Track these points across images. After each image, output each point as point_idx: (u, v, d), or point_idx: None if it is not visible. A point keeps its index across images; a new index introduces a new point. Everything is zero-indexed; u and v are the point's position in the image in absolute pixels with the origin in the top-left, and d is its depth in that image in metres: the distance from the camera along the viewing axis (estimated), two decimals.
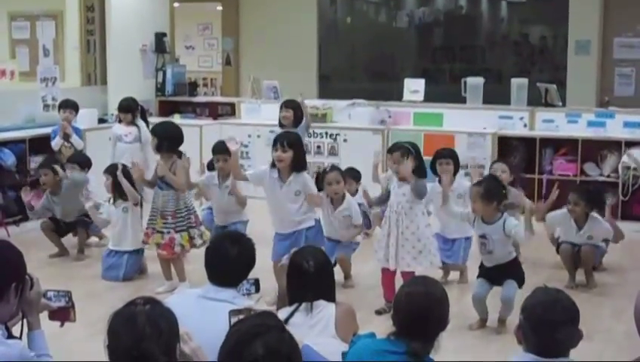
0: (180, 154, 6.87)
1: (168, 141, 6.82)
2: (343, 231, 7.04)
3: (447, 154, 7.19)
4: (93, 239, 8.42)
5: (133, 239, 7.33)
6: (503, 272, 6.07)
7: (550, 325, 3.03)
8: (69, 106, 9.06)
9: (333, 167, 7.31)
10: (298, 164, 6.27)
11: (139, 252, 7.38)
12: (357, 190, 7.95)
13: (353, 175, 8.10)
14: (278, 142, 6.22)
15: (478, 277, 6.23)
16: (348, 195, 7.13)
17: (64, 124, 8.85)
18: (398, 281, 6.15)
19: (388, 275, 6.35)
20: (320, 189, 6.84)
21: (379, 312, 6.27)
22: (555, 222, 7.26)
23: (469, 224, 6.37)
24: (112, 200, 7.55)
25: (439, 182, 6.89)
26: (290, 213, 6.30)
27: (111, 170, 7.53)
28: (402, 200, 6.18)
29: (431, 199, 6.82)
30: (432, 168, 7.05)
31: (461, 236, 7.13)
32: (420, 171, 6.19)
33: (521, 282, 6.06)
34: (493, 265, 6.08)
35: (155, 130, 7.03)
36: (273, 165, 6.28)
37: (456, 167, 7.16)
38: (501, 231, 5.93)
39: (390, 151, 6.41)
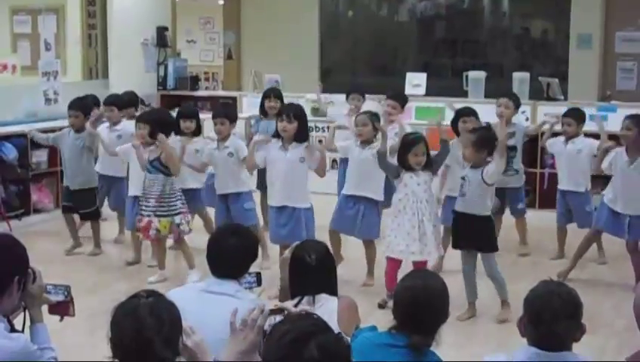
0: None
1: (161, 127, 7.03)
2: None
3: (469, 112, 7.39)
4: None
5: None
6: (472, 233, 6.16)
7: (548, 318, 3.03)
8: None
9: (365, 111, 7.40)
10: (301, 135, 6.60)
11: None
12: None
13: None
14: (283, 113, 6.60)
15: (453, 247, 6.41)
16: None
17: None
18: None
19: (394, 265, 6.43)
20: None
21: (381, 306, 6.29)
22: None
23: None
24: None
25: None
26: (294, 180, 6.55)
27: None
28: (420, 190, 6.29)
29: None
30: (453, 127, 7.31)
31: None
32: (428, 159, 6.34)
33: (492, 247, 6.20)
34: (463, 211, 6.20)
35: (145, 118, 7.14)
36: (276, 135, 6.65)
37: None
38: (479, 176, 6.08)
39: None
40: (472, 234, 6.19)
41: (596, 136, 7.64)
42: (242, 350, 2.85)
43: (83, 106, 8.09)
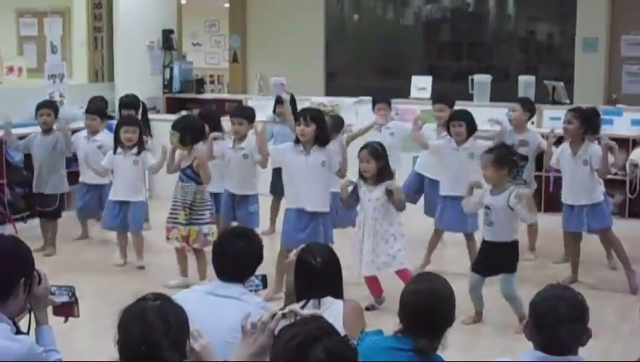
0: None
1: (190, 134, 6.97)
2: None
3: (457, 116, 7.44)
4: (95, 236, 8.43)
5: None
6: (496, 260, 6.06)
7: (552, 322, 3.03)
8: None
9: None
10: (321, 138, 6.48)
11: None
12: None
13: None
14: (300, 116, 6.51)
15: (472, 270, 6.28)
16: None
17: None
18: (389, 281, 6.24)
19: (371, 278, 6.53)
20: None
21: (367, 308, 6.28)
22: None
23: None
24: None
25: (456, 143, 7.26)
26: (317, 184, 6.47)
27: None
28: (377, 205, 6.30)
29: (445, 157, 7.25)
30: (448, 130, 7.39)
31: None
32: (384, 173, 6.34)
33: (512, 268, 6.08)
34: (491, 240, 6.07)
35: (177, 125, 7.12)
36: (297, 141, 6.53)
37: (470, 129, 7.30)
38: (505, 202, 5.94)
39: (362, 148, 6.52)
40: (498, 261, 6.07)
41: None
42: (252, 352, 2.86)
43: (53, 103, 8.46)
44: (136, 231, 7.78)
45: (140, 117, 8.87)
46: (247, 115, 7.55)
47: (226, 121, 7.92)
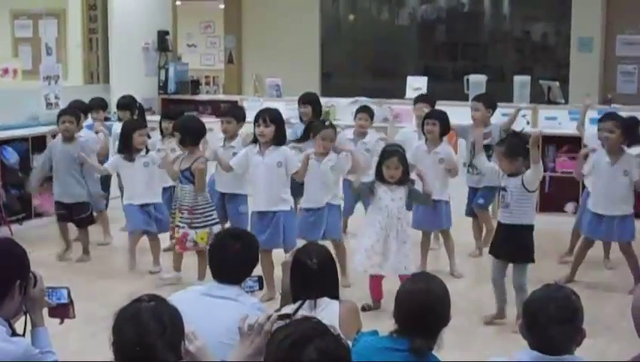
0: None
1: (191, 135, 6.96)
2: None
3: (432, 115, 7.54)
4: (96, 238, 8.41)
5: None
6: (513, 243, 6.08)
7: (542, 322, 3.04)
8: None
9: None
10: (278, 139, 6.63)
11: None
12: None
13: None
14: (260, 117, 6.60)
15: (490, 253, 6.32)
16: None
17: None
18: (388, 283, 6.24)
19: (376, 280, 6.53)
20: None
21: (363, 308, 6.27)
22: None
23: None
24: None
25: (426, 141, 7.36)
26: (272, 184, 6.58)
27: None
28: (400, 205, 6.34)
29: (418, 160, 7.22)
30: (422, 128, 7.51)
31: (442, 198, 7.33)
32: (406, 175, 6.43)
33: (528, 257, 6.10)
34: (508, 223, 6.08)
35: (177, 125, 7.13)
36: (254, 141, 6.66)
37: (443, 129, 7.40)
38: (520, 184, 5.99)
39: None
40: (512, 245, 6.10)
41: None
42: (249, 354, 2.89)
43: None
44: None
45: (137, 118, 8.91)
46: (235, 113, 7.61)
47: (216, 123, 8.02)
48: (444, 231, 7.59)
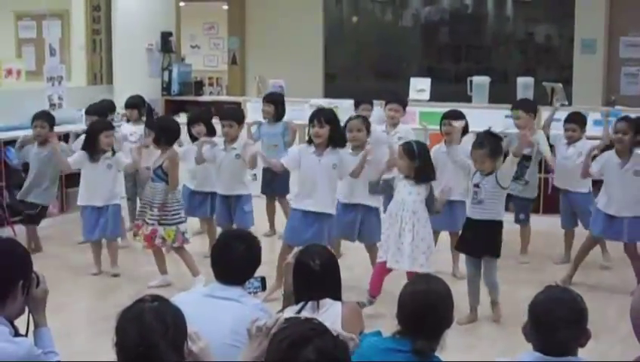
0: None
1: (165, 135, 7.09)
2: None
3: (451, 115, 7.48)
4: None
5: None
6: (482, 238, 6.17)
7: (550, 325, 3.03)
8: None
9: (357, 116, 7.38)
10: (335, 140, 6.54)
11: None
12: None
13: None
14: (315, 118, 6.53)
15: (459, 251, 6.50)
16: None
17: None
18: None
19: (381, 271, 6.45)
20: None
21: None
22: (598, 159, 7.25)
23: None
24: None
25: (445, 143, 7.28)
26: (325, 187, 6.54)
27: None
28: (417, 200, 6.26)
29: (437, 161, 7.04)
30: (440, 129, 7.47)
31: (460, 199, 7.24)
32: (424, 173, 6.29)
33: (496, 252, 6.20)
34: (479, 218, 6.17)
35: (153, 124, 7.28)
36: (309, 142, 6.58)
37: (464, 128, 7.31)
38: (494, 180, 6.10)
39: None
40: (482, 239, 6.19)
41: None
42: (256, 356, 2.91)
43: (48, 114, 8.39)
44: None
45: (145, 118, 9.04)
46: (236, 116, 7.60)
47: (216, 124, 8.02)
48: (455, 234, 7.43)
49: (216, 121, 8.11)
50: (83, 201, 7.66)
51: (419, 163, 6.24)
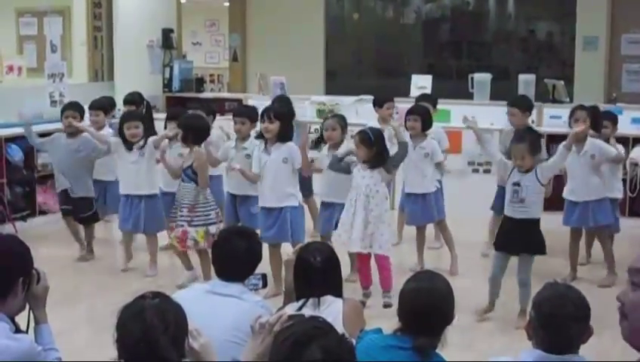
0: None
1: (193, 133, 6.96)
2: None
3: (414, 111, 7.58)
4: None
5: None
6: (521, 236, 6.12)
7: (561, 322, 3.02)
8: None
9: (334, 115, 7.61)
10: (283, 135, 6.69)
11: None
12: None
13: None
14: (264, 114, 6.68)
15: (496, 249, 6.32)
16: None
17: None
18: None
19: (363, 260, 6.58)
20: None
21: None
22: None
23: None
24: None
25: (410, 137, 7.30)
26: (278, 181, 6.64)
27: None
28: (370, 183, 6.39)
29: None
30: (405, 124, 7.52)
31: (429, 191, 7.44)
32: (380, 158, 6.42)
33: (540, 249, 6.17)
34: (521, 218, 6.10)
35: (181, 122, 7.14)
36: (259, 136, 6.78)
37: (425, 124, 7.46)
38: (534, 178, 6.05)
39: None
40: (525, 238, 6.14)
41: None
42: (259, 353, 2.91)
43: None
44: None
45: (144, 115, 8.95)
46: (249, 114, 7.49)
47: (228, 120, 8.00)
48: (441, 223, 7.65)
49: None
50: (121, 190, 7.63)
51: (376, 149, 6.39)
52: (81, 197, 7.89)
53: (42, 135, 8.94)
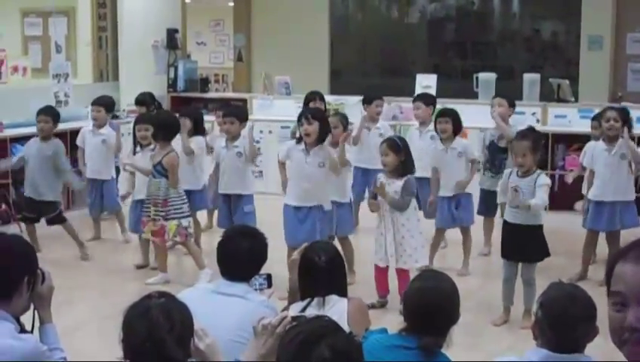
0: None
1: (163, 130, 7.08)
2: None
3: (445, 113, 7.50)
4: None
5: None
6: (526, 243, 6.08)
7: (569, 322, 3.02)
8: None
9: (335, 113, 7.71)
10: (323, 135, 6.65)
11: None
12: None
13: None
14: (302, 116, 6.66)
15: (502, 257, 6.30)
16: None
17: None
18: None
19: (381, 272, 6.56)
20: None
21: (369, 307, 6.25)
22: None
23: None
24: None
25: (441, 140, 7.34)
26: (315, 183, 6.62)
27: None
28: (392, 192, 6.35)
29: (437, 160, 7.35)
30: (435, 128, 7.49)
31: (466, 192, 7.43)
32: (406, 166, 6.39)
33: (542, 254, 6.12)
34: (518, 223, 6.07)
35: (151, 120, 7.26)
36: (299, 140, 6.71)
37: (457, 126, 7.39)
38: (532, 185, 5.99)
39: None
40: (526, 245, 6.09)
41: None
42: (262, 354, 2.91)
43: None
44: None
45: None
46: (237, 113, 7.56)
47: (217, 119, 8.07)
48: (465, 229, 7.53)
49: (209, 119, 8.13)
50: (135, 196, 7.73)
51: (404, 156, 6.38)
52: (47, 201, 7.98)
53: None
